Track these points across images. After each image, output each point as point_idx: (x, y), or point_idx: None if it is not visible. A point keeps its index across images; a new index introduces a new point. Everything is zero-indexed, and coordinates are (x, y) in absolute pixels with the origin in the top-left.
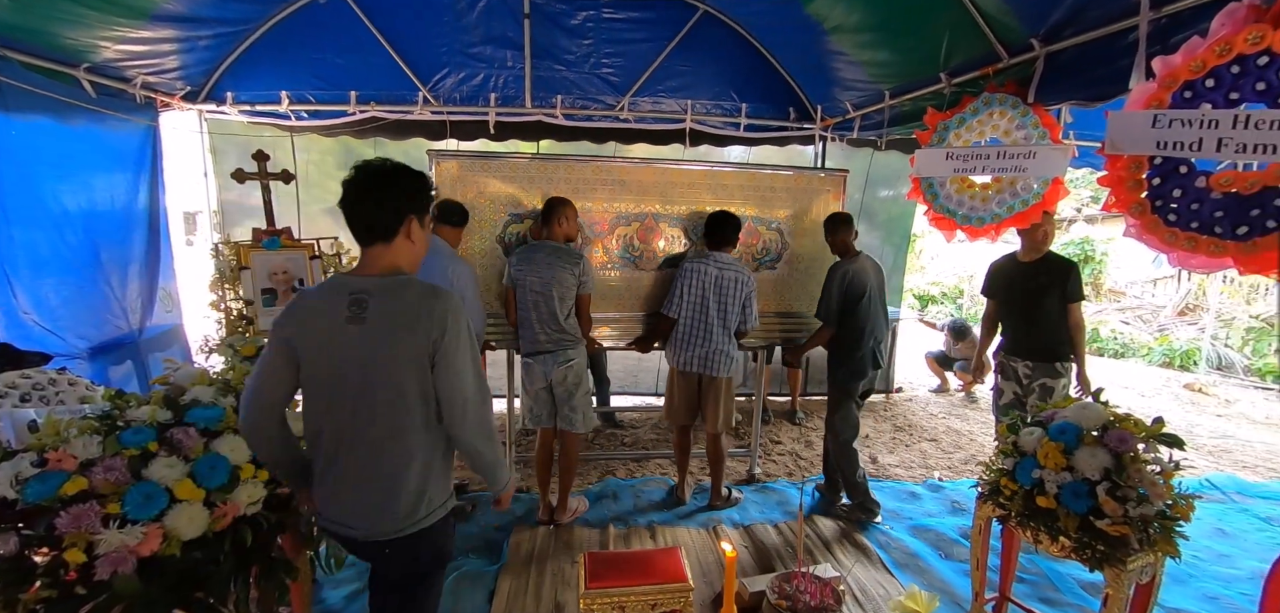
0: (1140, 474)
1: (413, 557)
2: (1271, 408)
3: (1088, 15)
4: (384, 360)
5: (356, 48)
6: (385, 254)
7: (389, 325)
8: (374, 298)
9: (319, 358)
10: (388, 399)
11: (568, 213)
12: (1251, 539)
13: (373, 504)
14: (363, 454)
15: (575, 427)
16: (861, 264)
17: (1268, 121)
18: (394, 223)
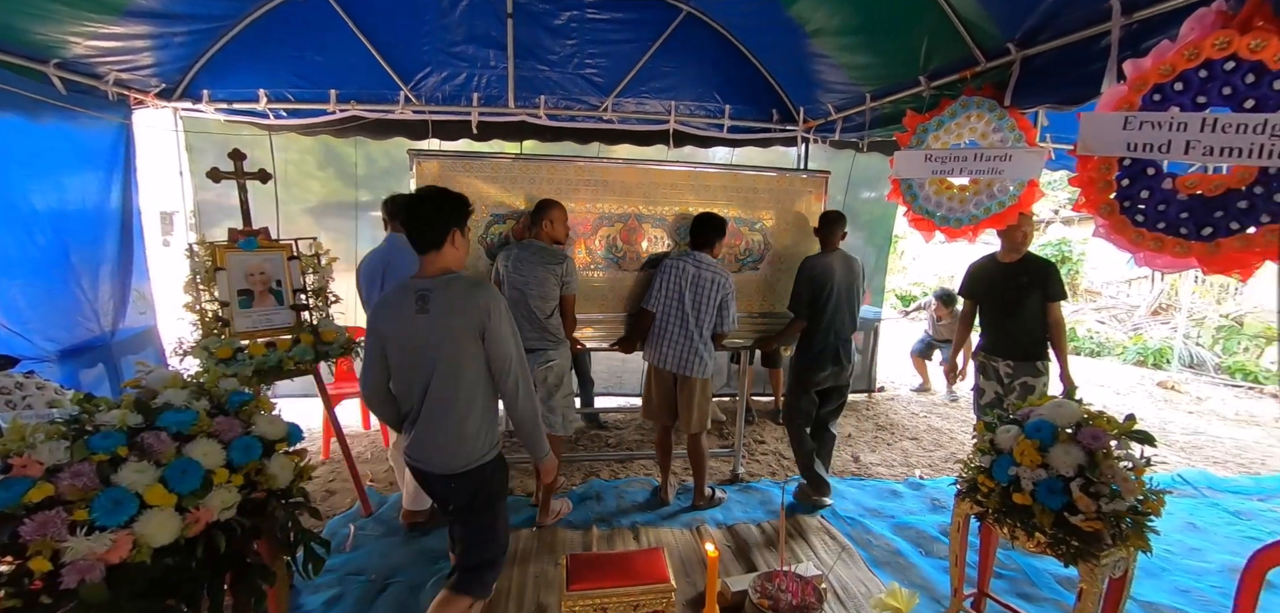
0: (1113, 471)
1: (475, 487)
2: (1241, 405)
3: (1062, 20)
4: (445, 339)
5: (337, 46)
6: (438, 259)
7: (447, 313)
8: (433, 293)
9: (400, 342)
10: (451, 368)
11: (556, 215)
12: (1222, 533)
13: (444, 447)
14: (436, 411)
15: (555, 429)
16: (830, 260)
17: (1233, 125)
18: (441, 235)
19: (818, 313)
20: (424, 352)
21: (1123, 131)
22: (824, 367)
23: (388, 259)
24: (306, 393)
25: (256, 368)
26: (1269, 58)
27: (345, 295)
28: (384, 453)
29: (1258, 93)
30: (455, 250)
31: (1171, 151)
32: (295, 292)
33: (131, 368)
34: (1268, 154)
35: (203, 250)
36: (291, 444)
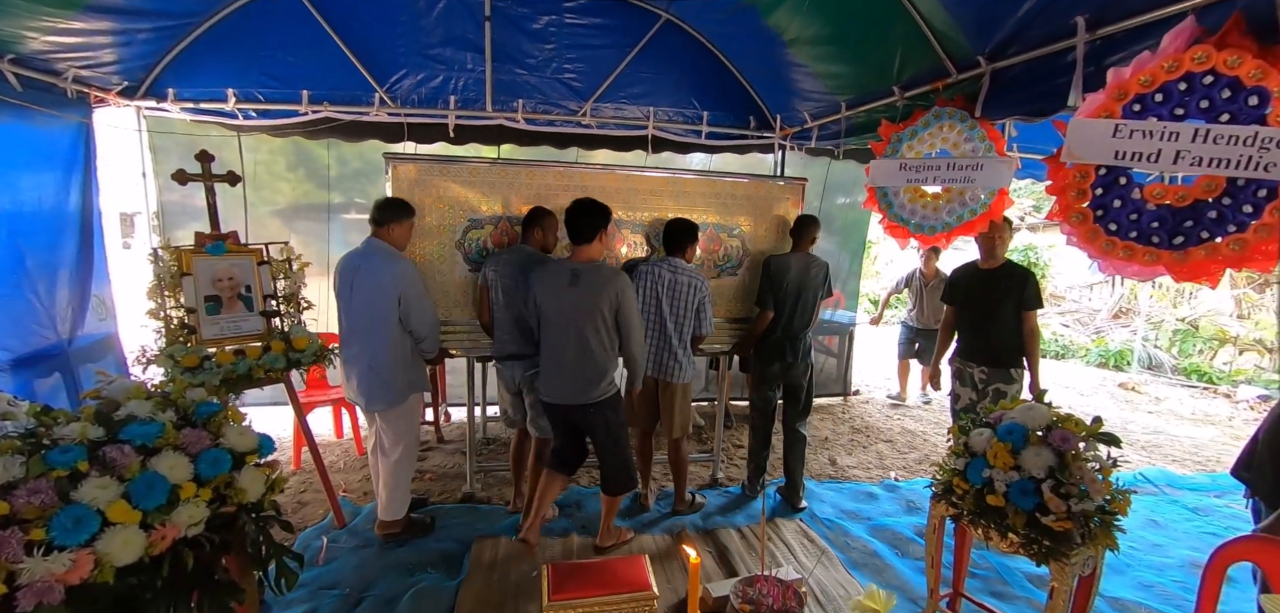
0: (1081, 472)
1: (599, 418)
2: (1197, 404)
3: (1029, 35)
4: (588, 309)
5: (309, 45)
6: (587, 250)
7: (591, 290)
8: (583, 274)
9: (552, 306)
10: (589, 330)
11: (549, 224)
12: (1181, 529)
13: (580, 387)
14: (575, 357)
15: (545, 432)
16: (790, 259)
17: (1224, 136)
18: (591, 233)
19: (775, 307)
20: (572, 315)
21: (1112, 140)
22: (772, 361)
23: (361, 264)
24: (277, 400)
25: (225, 377)
26: (1244, 74)
27: (318, 301)
28: (357, 461)
29: (1233, 106)
30: (599, 245)
31: (1160, 161)
32: (266, 298)
33: (90, 377)
34: (1255, 166)
35: (168, 255)
36: (262, 456)
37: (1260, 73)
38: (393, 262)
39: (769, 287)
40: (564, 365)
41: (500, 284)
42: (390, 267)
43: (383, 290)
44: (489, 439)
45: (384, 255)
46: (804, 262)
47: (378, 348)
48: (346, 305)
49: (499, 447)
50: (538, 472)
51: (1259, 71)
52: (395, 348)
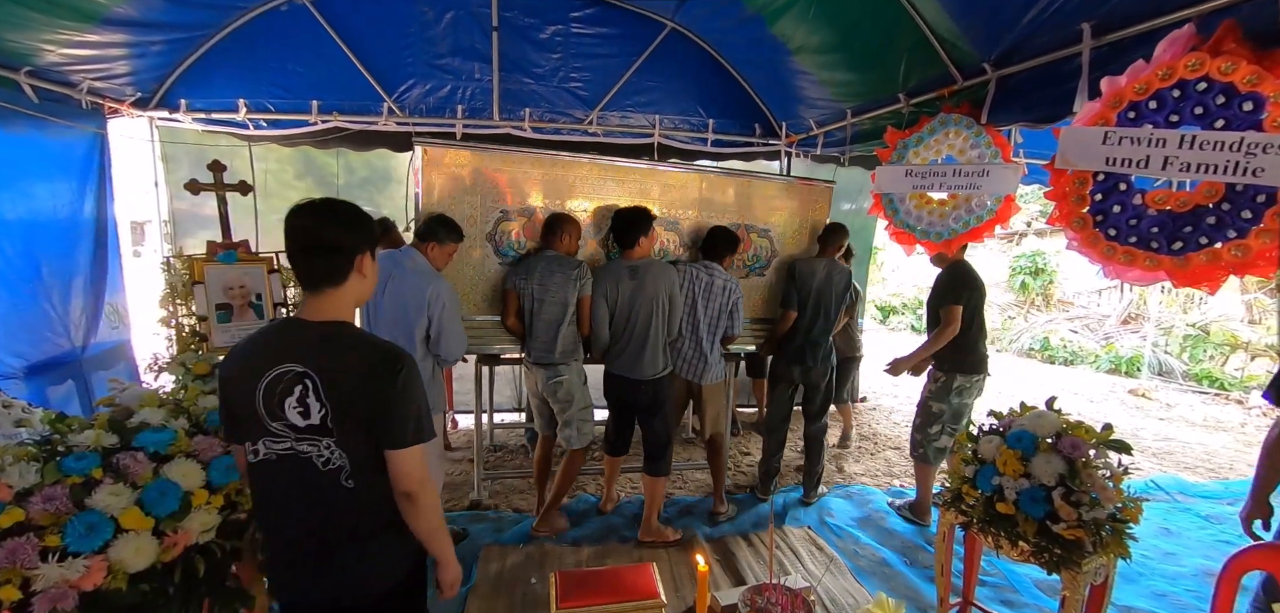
0: (1092, 479)
1: (654, 392)
2: (1208, 410)
3: (1035, 42)
4: (647, 301)
5: (319, 56)
6: (636, 250)
7: (651, 283)
8: (639, 271)
9: (618, 299)
10: (647, 318)
11: (572, 229)
12: (1194, 537)
13: (645, 363)
14: (639, 342)
15: (571, 442)
16: (815, 265)
17: (1211, 142)
18: (636, 237)
19: (798, 311)
20: (634, 305)
21: (1102, 147)
22: (792, 365)
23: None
24: None
25: None
26: (1239, 80)
27: None
28: None
29: (1228, 113)
30: (649, 241)
31: (1150, 167)
32: (276, 306)
33: (103, 385)
34: (1242, 171)
35: (180, 264)
36: None
37: (1256, 78)
38: (428, 280)
39: (793, 289)
40: (629, 347)
41: (531, 290)
42: (424, 284)
43: (412, 307)
44: (496, 446)
45: (420, 271)
46: (828, 267)
47: None
48: (369, 312)
49: (506, 454)
50: (543, 475)
51: (1254, 77)
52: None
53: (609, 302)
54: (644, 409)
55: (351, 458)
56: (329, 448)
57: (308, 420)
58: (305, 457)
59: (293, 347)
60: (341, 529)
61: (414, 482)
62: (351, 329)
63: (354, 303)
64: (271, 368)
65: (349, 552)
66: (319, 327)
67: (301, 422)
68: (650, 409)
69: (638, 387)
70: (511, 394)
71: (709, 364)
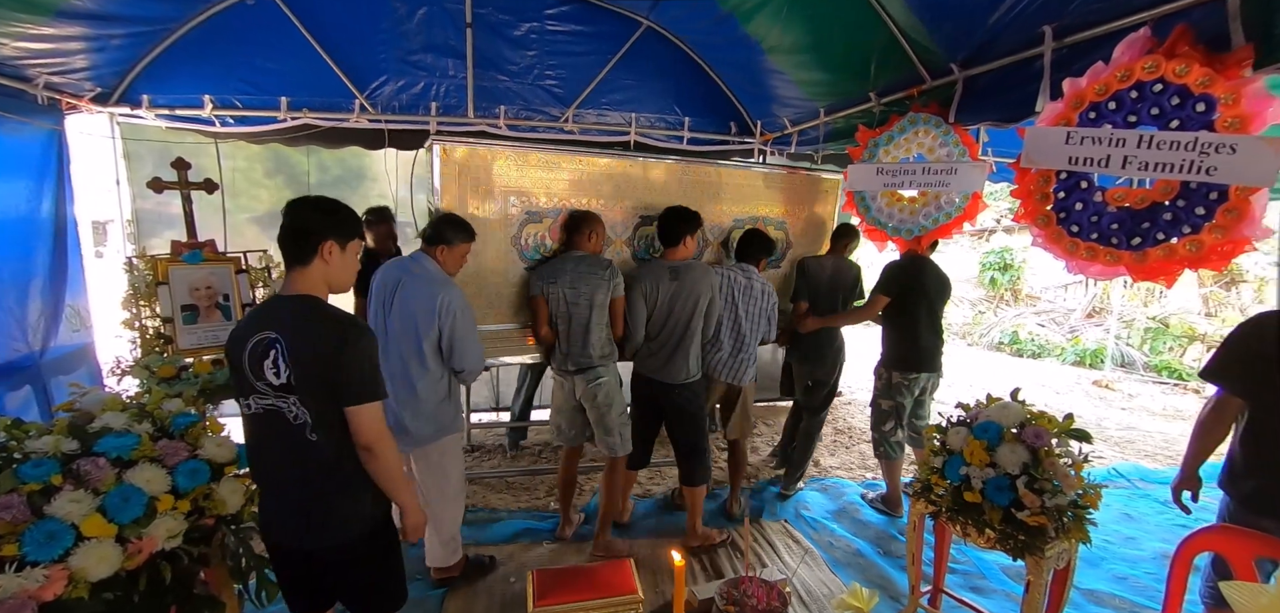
0: (1054, 467)
1: (689, 396)
2: (1168, 400)
3: (1000, 44)
4: (689, 303)
5: (288, 52)
6: (678, 251)
7: (691, 283)
8: (680, 270)
9: (658, 299)
10: (686, 318)
11: (598, 228)
12: (1153, 522)
13: (676, 369)
14: (675, 342)
15: (614, 449)
16: (824, 262)
17: (1168, 142)
18: (680, 236)
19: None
20: (674, 306)
21: (1065, 146)
22: (804, 360)
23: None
24: None
25: (203, 387)
26: (1192, 82)
27: None
28: None
29: (1182, 113)
30: (685, 248)
31: (1110, 166)
32: (244, 306)
33: (63, 390)
34: (1196, 170)
35: (143, 264)
36: (242, 467)
37: (1207, 80)
38: (438, 288)
39: (804, 283)
40: (664, 348)
41: (561, 294)
42: (434, 293)
43: (421, 317)
44: (473, 446)
45: (429, 278)
46: (837, 264)
47: (408, 379)
48: (381, 326)
49: (484, 454)
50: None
51: (1206, 79)
52: (426, 384)
53: (648, 301)
54: (673, 414)
55: (313, 414)
56: (295, 405)
57: (280, 380)
58: (279, 411)
59: (272, 316)
60: (311, 479)
61: (371, 435)
62: (318, 303)
63: (324, 283)
64: (255, 334)
65: (318, 502)
66: (291, 300)
67: (276, 381)
68: (679, 414)
69: (669, 390)
70: (489, 394)
71: (748, 365)
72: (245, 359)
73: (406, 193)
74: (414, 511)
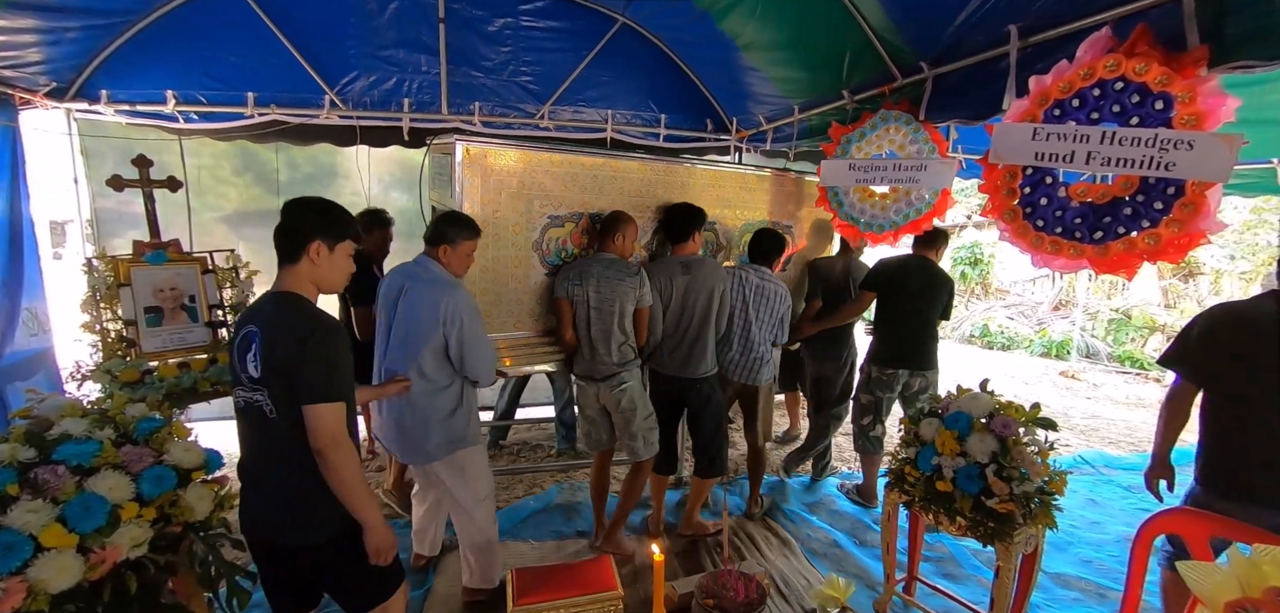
0: (1022, 455)
1: (704, 391)
2: (1130, 389)
3: (968, 43)
4: (703, 296)
5: (254, 46)
6: (688, 246)
7: (703, 277)
8: (691, 265)
9: (672, 295)
10: (703, 315)
11: (630, 230)
12: (1117, 506)
13: (696, 363)
14: (692, 339)
15: (639, 454)
16: (834, 262)
17: (1128, 138)
18: (689, 232)
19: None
20: (687, 300)
21: (1031, 142)
22: (816, 358)
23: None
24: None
25: (168, 391)
26: (1151, 80)
27: None
28: None
29: (1142, 111)
30: (692, 244)
31: (1074, 161)
32: (211, 308)
33: (20, 396)
34: (1155, 165)
35: (104, 265)
36: (211, 472)
37: (1166, 79)
38: (443, 291)
39: (817, 283)
40: (682, 344)
41: (587, 297)
42: (438, 297)
43: (425, 323)
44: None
45: (434, 282)
46: (848, 264)
47: (418, 390)
48: (384, 335)
49: None
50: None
51: (1164, 77)
52: (432, 395)
53: (663, 296)
54: (695, 408)
55: (278, 409)
56: (266, 399)
57: (256, 374)
58: (257, 405)
59: (257, 311)
60: (278, 474)
61: (323, 439)
62: (295, 299)
63: (310, 283)
64: (242, 327)
65: (300, 499)
66: (274, 296)
67: (254, 374)
68: (702, 408)
69: (692, 385)
70: None
71: (763, 366)
72: (234, 351)
73: (380, 190)
74: (376, 528)
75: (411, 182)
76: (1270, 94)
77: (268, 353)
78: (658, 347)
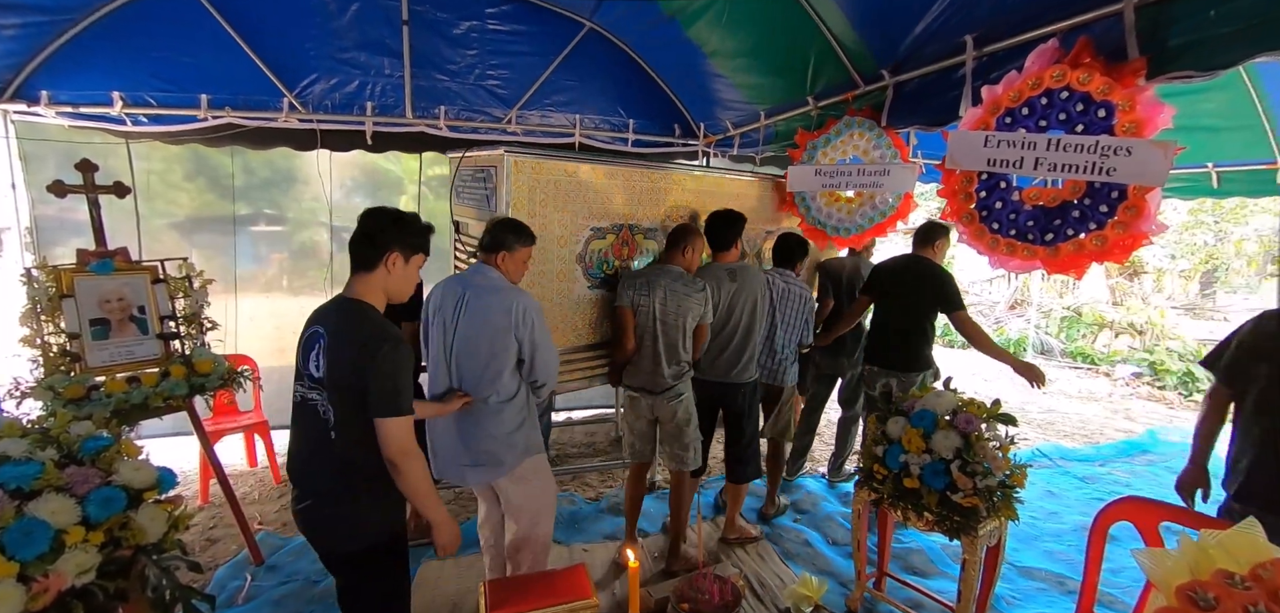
0: (984, 450)
1: (746, 396)
2: (1082, 383)
3: (926, 52)
4: (749, 302)
5: (208, 46)
6: (729, 253)
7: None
8: (737, 272)
9: (720, 301)
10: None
11: (698, 243)
12: (1072, 497)
13: (741, 369)
14: (740, 345)
15: (687, 465)
16: (843, 262)
17: (1073, 145)
18: (732, 240)
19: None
20: (734, 306)
21: (984, 149)
22: (824, 355)
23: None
24: (178, 430)
25: (116, 407)
26: (1094, 90)
27: (223, 321)
28: (274, 491)
29: (1086, 118)
30: (738, 245)
31: (1023, 167)
32: (163, 319)
33: None
34: (1098, 171)
35: (45, 275)
36: (163, 492)
37: (1107, 88)
38: (507, 294)
39: (828, 283)
40: (728, 349)
41: (652, 309)
42: (508, 302)
43: (497, 330)
44: None
45: (497, 288)
46: (857, 264)
47: (489, 404)
48: (441, 347)
49: None
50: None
51: (1106, 87)
52: (503, 404)
53: (712, 305)
54: (734, 415)
55: (337, 414)
56: (325, 402)
57: (318, 374)
58: (313, 404)
59: (326, 312)
60: (324, 479)
61: (394, 450)
62: (364, 307)
63: (382, 291)
64: (311, 326)
65: (328, 502)
66: (345, 301)
67: (316, 374)
68: (745, 413)
69: (737, 390)
70: None
71: (787, 368)
72: (300, 347)
73: (342, 196)
74: (443, 525)
75: (375, 186)
76: (1204, 103)
77: (332, 358)
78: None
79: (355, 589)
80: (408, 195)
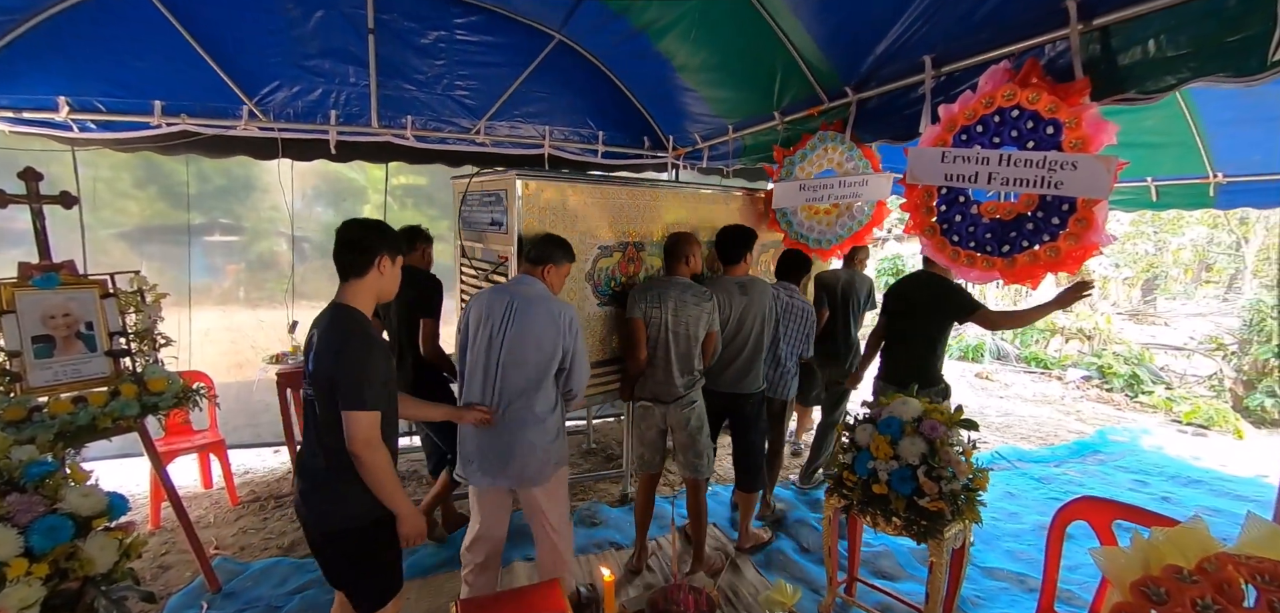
0: (948, 455)
1: (754, 406)
2: (1037, 387)
3: (886, 71)
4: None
5: (161, 50)
6: (740, 266)
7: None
8: (746, 285)
9: (730, 314)
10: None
11: (696, 248)
12: (1030, 497)
13: (750, 379)
14: (749, 357)
15: (701, 472)
16: (837, 274)
17: (1023, 160)
18: (743, 254)
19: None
20: (744, 318)
21: (941, 164)
22: (824, 363)
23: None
24: (127, 452)
25: (61, 429)
26: (1042, 108)
27: (177, 336)
28: (230, 514)
29: (1036, 135)
30: (748, 259)
31: (978, 182)
32: (112, 335)
33: None
34: (1048, 185)
35: None
36: (114, 518)
37: (1055, 106)
38: (555, 302)
39: (824, 294)
40: (737, 361)
41: (664, 320)
42: (556, 311)
43: (548, 341)
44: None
45: (544, 298)
46: (850, 275)
47: (535, 412)
48: (485, 354)
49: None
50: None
51: (1054, 105)
52: (548, 413)
53: (722, 317)
54: (742, 424)
55: (321, 408)
56: (315, 396)
57: (310, 372)
58: (309, 399)
59: (321, 317)
60: (319, 465)
61: (358, 443)
62: (350, 311)
63: (374, 293)
64: (310, 330)
65: (321, 487)
66: (334, 306)
67: (309, 372)
68: (752, 423)
69: (745, 401)
70: None
71: (787, 379)
72: (303, 350)
73: (303, 206)
74: (408, 516)
75: (337, 195)
76: (1145, 120)
77: (318, 357)
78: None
79: (339, 568)
80: (372, 205)
